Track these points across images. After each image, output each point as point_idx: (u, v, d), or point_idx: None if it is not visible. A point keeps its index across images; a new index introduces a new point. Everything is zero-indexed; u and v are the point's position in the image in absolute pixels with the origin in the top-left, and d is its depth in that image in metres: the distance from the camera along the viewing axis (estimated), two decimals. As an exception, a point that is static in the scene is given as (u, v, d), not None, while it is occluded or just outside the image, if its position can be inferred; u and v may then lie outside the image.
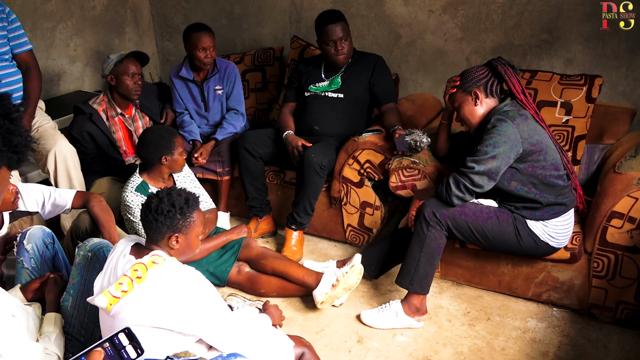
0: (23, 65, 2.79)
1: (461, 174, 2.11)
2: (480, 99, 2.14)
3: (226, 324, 1.57)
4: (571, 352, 2.14)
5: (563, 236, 2.16)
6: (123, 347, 1.25)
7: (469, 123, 2.20)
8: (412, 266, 2.21)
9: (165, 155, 2.34)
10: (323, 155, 2.65)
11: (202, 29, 2.98)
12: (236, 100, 3.12)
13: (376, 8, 3.24)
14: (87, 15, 3.69)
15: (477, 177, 2.07)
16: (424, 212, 2.17)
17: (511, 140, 2.03)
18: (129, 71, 2.79)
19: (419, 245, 2.20)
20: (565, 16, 2.77)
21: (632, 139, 2.46)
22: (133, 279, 1.47)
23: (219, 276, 2.46)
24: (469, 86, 2.16)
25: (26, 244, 2.01)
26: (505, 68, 2.13)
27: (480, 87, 2.14)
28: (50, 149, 2.68)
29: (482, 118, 2.17)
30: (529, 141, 2.05)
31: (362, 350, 2.19)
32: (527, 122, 2.07)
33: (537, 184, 2.10)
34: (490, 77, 2.14)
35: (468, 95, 2.16)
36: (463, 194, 2.11)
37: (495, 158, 2.04)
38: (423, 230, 2.18)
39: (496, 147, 2.03)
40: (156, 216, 1.58)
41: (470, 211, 2.16)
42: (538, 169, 2.09)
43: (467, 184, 2.09)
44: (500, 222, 2.15)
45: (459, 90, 2.19)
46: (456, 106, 2.22)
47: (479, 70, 2.16)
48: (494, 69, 2.14)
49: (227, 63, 3.15)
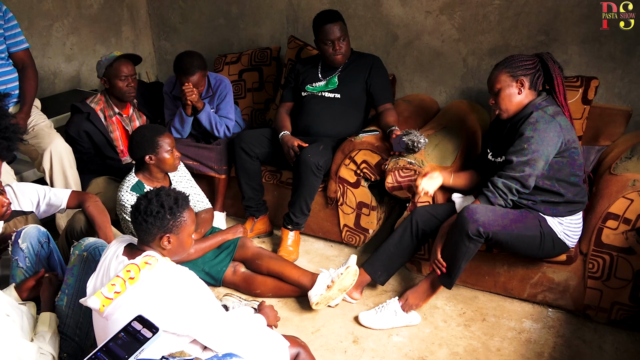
0: (19, 64, 2.78)
1: (511, 178, 2.08)
2: (524, 88, 2.12)
3: (220, 324, 1.56)
4: (566, 353, 2.15)
5: (575, 234, 2.19)
6: (138, 331, 1.28)
7: (506, 108, 2.16)
8: (455, 271, 2.18)
9: (149, 154, 2.33)
10: (319, 155, 2.64)
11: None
12: (224, 111, 3.03)
13: (373, 9, 3.24)
14: (84, 13, 3.68)
15: (530, 179, 2.07)
16: (467, 229, 2.07)
17: (554, 137, 2.04)
18: (121, 74, 2.78)
19: (460, 254, 2.13)
20: (561, 18, 2.77)
21: (628, 141, 2.46)
22: (126, 280, 1.47)
23: (214, 276, 2.46)
24: (517, 72, 2.12)
25: (21, 243, 2.00)
26: (554, 66, 2.12)
27: (528, 76, 2.11)
28: (46, 147, 2.67)
29: (518, 107, 2.14)
30: (566, 138, 2.06)
31: (357, 351, 2.19)
32: (565, 119, 2.09)
33: (561, 180, 2.12)
34: (538, 70, 2.12)
35: (514, 81, 2.12)
36: (515, 196, 2.11)
37: (541, 157, 2.04)
38: (464, 243, 2.10)
39: (541, 145, 2.03)
40: (145, 217, 1.57)
41: (511, 222, 2.10)
42: (567, 166, 2.10)
43: (518, 188, 2.09)
44: (530, 227, 2.13)
45: (503, 73, 2.14)
46: (496, 89, 2.16)
47: (529, 60, 2.13)
48: (544, 63, 2.12)
49: (220, 80, 3.07)
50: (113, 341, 1.27)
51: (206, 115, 2.93)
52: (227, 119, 3.01)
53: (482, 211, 2.09)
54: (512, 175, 2.09)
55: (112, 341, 1.27)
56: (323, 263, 2.76)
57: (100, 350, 1.25)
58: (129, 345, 1.26)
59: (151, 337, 1.28)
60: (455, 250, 2.15)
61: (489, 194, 2.13)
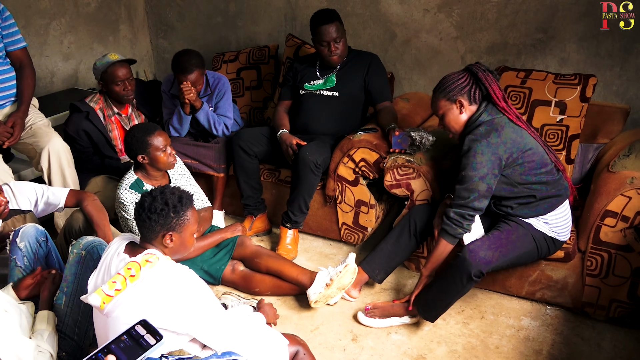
0: (17, 63, 2.77)
1: (460, 206, 2.10)
2: (464, 107, 2.12)
3: (219, 322, 1.56)
4: (564, 350, 2.15)
5: (564, 228, 2.18)
6: (141, 336, 1.28)
7: (454, 130, 2.18)
8: (442, 307, 2.18)
9: (141, 154, 2.32)
10: (318, 153, 2.64)
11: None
12: (223, 109, 3.03)
13: (371, 7, 3.24)
14: (81, 12, 3.67)
15: (476, 203, 2.07)
16: (470, 272, 2.04)
17: (490, 158, 2.02)
18: (116, 79, 2.78)
19: (454, 293, 2.12)
20: (560, 16, 2.77)
21: (626, 138, 2.47)
22: (127, 277, 1.47)
23: (213, 274, 2.46)
24: (453, 94, 2.12)
25: (19, 242, 2.00)
26: (486, 74, 2.10)
27: (464, 94, 2.11)
28: (44, 146, 2.66)
29: (464, 124, 2.15)
30: (511, 150, 2.05)
31: (356, 349, 2.19)
32: (504, 131, 2.05)
33: (525, 184, 2.11)
34: (472, 85, 2.11)
35: (453, 104, 2.13)
36: (471, 220, 2.12)
37: (483, 179, 2.04)
38: (462, 283, 2.08)
39: (479, 169, 2.03)
40: (149, 215, 1.58)
41: (507, 251, 2.10)
42: (526, 171, 2.09)
43: (471, 213, 2.09)
44: (524, 244, 2.13)
45: (441, 98, 2.15)
46: (440, 114, 2.18)
47: (461, 78, 2.12)
48: (475, 75, 2.12)
49: (218, 79, 3.06)
50: (115, 343, 1.27)
51: (204, 114, 2.92)
52: (225, 118, 3.00)
53: (482, 249, 2.07)
54: (459, 203, 2.10)
55: (114, 343, 1.27)
56: (322, 261, 2.77)
57: (102, 352, 1.24)
58: (131, 349, 1.26)
59: (154, 345, 1.27)
60: (450, 288, 2.13)
61: (446, 227, 2.14)
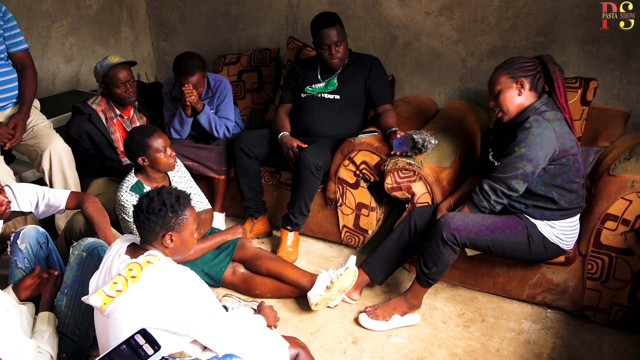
0: (18, 65, 2.77)
1: (496, 180, 2.08)
2: (524, 89, 2.10)
3: (220, 324, 1.57)
4: (565, 354, 2.15)
5: (570, 237, 2.17)
6: (140, 346, 1.29)
7: (506, 110, 2.15)
8: (433, 274, 2.20)
9: (141, 156, 2.32)
10: (319, 156, 2.65)
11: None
12: (224, 112, 3.03)
13: (372, 10, 3.24)
14: (83, 14, 3.68)
15: (513, 182, 2.06)
16: (442, 233, 2.12)
17: (547, 143, 2.01)
18: (117, 82, 2.78)
19: (432, 260, 2.18)
20: (560, 19, 2.78)
21: (627, 142, 2.47)
22: (128, 278, 1.47)
23: (213, 276, 2.46)
24: (517, 73, 2.10)
25: (20, 243, 2.00)
26: (555, 68, 2.11)
27: (528, 77, 2.10)
28: (45, 148, 2.66)
29: (519, 109, 2.13)
30: (563, 144, 2.04)
31: (357, 352, 2.19)
32: (563, 125, 2.07)
33: (558, 187, 2.10)
34: (538, 72, 2.11)
35: (514, 82, 2.11)
36: (501, 199, 2.10)
37: (531, 161, 2.02)
38: (439, 247, 2.15)
39: (532, 149, 2.01)
40: (148, 216, 1.58)
41: (487, 228, 2.12)
42: (565, 172, 2.09)
43: (504, 190, 2.08)
44: (515, 234, 2.13)
45: (503, 74, 2.13)
46: (497, 90, 2.15)
47: (530, 62, 2.12)
48: (544, 65, 2.12)
49: (220, 81, 3.06)
50: (116, 354, 1.28)
51: (205, 116, 2.93)
52: (226, 120, 3.00)
53: (459, 218, 2.13)
54: (498, 176, 2.09)
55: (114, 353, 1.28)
56: (322, 264, 2.77)
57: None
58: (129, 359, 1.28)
59: (152, 355, 1.29)
60: (431, 253, 2.18)
61: (474, 196, 2.15)
